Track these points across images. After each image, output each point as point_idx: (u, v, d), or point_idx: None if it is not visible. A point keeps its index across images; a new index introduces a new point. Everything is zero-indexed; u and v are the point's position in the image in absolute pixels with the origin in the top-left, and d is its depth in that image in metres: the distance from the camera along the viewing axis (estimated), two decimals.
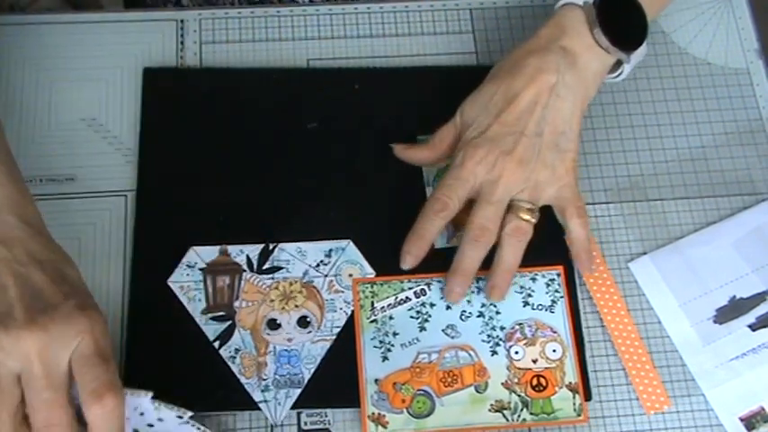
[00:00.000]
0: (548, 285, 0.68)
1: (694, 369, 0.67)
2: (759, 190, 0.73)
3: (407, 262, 0.66)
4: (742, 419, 0.66)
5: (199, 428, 0.58)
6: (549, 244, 0.69)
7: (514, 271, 0.66)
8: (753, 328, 0.68)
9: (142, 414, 0.57)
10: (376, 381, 0.65)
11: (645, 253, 0.70)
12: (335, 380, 0.64)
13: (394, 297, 0.67)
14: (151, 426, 0.58)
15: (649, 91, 0.76)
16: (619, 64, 0.69)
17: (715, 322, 0.68)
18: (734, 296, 0.69)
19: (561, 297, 0.68)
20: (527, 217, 0.65)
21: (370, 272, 0.68)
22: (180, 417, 0.57)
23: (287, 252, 0.68)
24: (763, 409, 0.66)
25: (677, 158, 0.74)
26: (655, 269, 0.69)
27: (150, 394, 0.55)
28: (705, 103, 0.76)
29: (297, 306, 0.66)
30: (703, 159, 0.74)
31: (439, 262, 0.68)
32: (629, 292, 0.69)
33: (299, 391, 0.64)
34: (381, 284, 0.67)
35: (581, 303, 0.68)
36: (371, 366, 0.65)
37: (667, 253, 0.70)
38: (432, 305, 0.67)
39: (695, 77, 0.77)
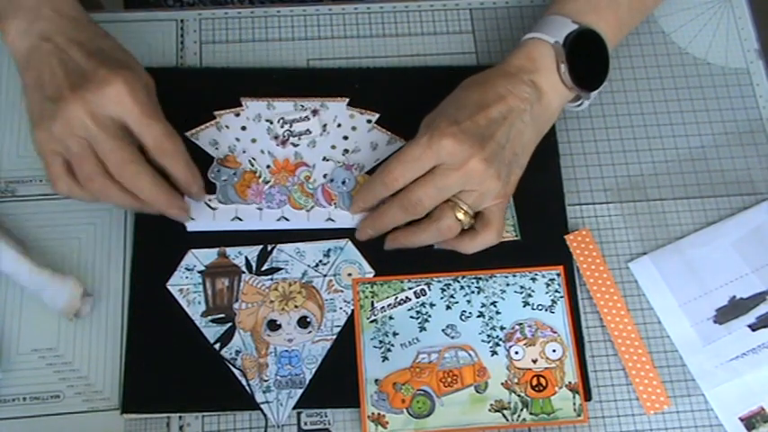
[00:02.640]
0: (548, 285, 0.68)
1: (694, 369, 0.67)
2: (759, 190, 0.73)
3: (354, 209, 0.68)
4: (742, 419, 0.66)
5: (386, 133, 0.63)
6: (548, 244, 0.69)
7: (406, 245, 0.67)
8: (753, 328, 0.68)
9: (339, 125, 0.66)
10: (376, 381, 0.65)
11: (645, 253, 0.70)
12: (337, 380, 0.64)
13: (394, 297, 0.67)
14: (346, 138, 0.66)
15: (649, 91, 0.76)
16: (577, 96, 0.69)
17: (715, 322, 0.68)
18: (734, 296, 0.69)
19: (561, 297, 0.68)
20: (462, 218, 0.65)
21: (369, 271, 0.68)
22: (369, 121, 0.62)
23: (285, 253, 0.68)
24: (763, 409, 0.66)
25: (677, 158, 0.74)
26: (655, 269, 0.69)
27: (347, 100, 0.65)
28: (705, 103, 0.76)
29: (296, 306, 0.66)
30: (703, 159, 0.74)
31: (439, 262, 0.68)
32: (629, 292, 0.69)
33: (300, 391, 0.64)
34: (381, 284, 0.67)
35: (581, 303, 0.68)
36: (371, 366, 0.65)
37: (667, 253, 0.70)
38: (432, 305, 0.67)
39: (695, 77, 0.77)
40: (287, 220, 0.68)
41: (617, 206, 0.72)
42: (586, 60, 0.67)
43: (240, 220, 0.67)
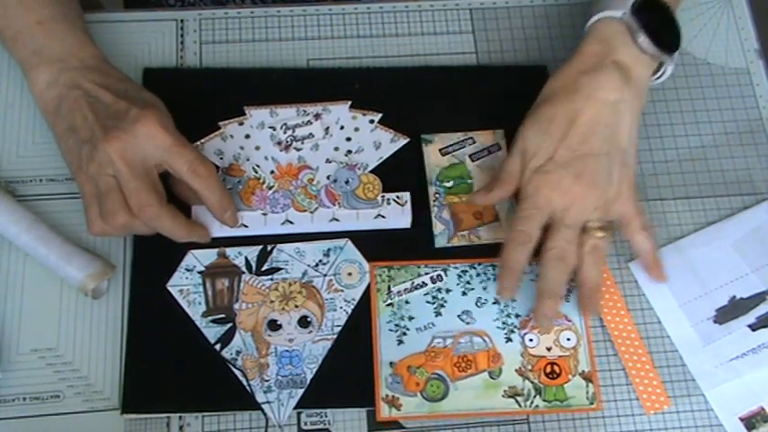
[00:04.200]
0: None
1: (694, 369, 0.67)
2: (759, 190, 0.73)
3: (505, 296, 0.66)
4: (742, 419, 0.66)
5: (389, 131, 0.65)
6: None
7: (602, 287, 0.67)
8: (753, 328, 0.68)
9: (342, 127, 0.68)
10: (391, 363, 0.65)
11: None
12: (338, 379, 0.64)
13: (410, 282, 0.67)
14: (349, 140, 0.69)
15: (649, 91, 0.75)
16: (659, 67, 0.69)
17: (715, 322, 0.68)
18: (734, 296, 0.69)
19: (575, 287, 0.68)
20: (601, 234, 0.65)
21: (368, 270, 0.68)
22: (371, 121, 0.64)
23: (285, 253, 0.68)
24: (762, 409, 0.66)
25: (677, 158, 0.74)
26: None
27: (349, 103, 0.69)
28: (705, 103, 0.76)
29: (297, 306, 0.66)
30: (703, 159, 0.74)
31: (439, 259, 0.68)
32: (629, 292, 0.69)
33: (301, 391, 0.64)
34: (398, 269, 0.68)
35: None
36: (386, 349, 0.65)
37: (667, 253, 0.70)
38: (448, 291, 0.67)
39: (695, 77, 0.77)
40: (291, 223, 0.68)
41: None
42: (656, 28, 0.66)
43: (246, 226, 0.67)
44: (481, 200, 0.69)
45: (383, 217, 0.68)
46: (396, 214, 0.68)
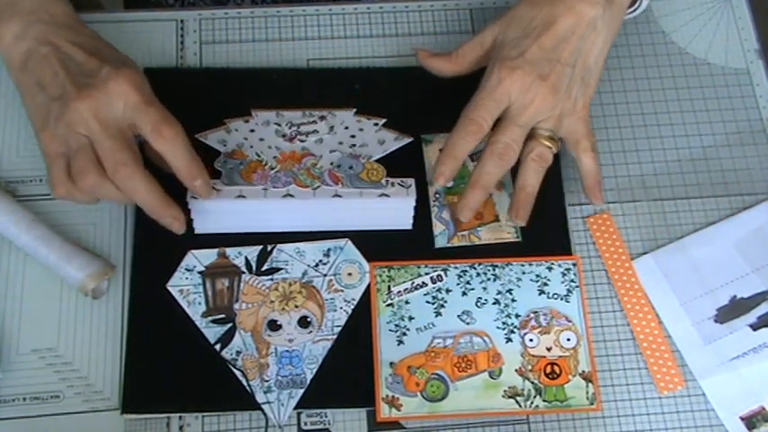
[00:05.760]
0: (563, 275, 0.68)
1: (695, 368, 0.67)
2: (759, 190, 0.73)
3: (440, 181, 0.66)
4: (742, 419, 0.66)
5: (394, 132, 0.66)
6: (549, 245, 0.69)
7: (535, 195, 0.67)
8: (754, 327, 0.68)
9: (347, 128, 0.68)
10: (391, 364, 0.65)
11: (645, 253, 0.70)
12: (338, 379, 0.64)
13: (410, 282, 0.67)
14: (353, 137, 0.69)
15: (649, 91, 0.76)
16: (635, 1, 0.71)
17: (716, 321, 0.68)
18: (734, 296, 0.69)
19: (576, 287, 0.68)
20: (549, 144, 0.66)
21: (369, 270, 0.68)
22: (376, 124, 0.64)
23: (285, 253, 0.68)
24: (763, 408, 0.66)
25: (677, 158, 0.74)
26: (657, 268, 0.69)
27: (354, 110, 0.70)
28: (705, 103, 0.76)
29: (297, 306, 0.66)
30: (703, 159, 0.74)
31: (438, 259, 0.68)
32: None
33: (301, 391, 0.64)
34: (398, 269, 0.68)
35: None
36: (387, 349, 0.65)
37: (669, 252, 0.70)
38: (448, 291, 0.67)
39: (695, 77, 0.77)
40: (292, 196, 0.66)
41: (617, 206, 0.72)
42: None
43: (244, 197, 0.66)
44: (422, 60, 0.70)
45: (387, 196, 0.67)
46: (400, 194, 0.67)
